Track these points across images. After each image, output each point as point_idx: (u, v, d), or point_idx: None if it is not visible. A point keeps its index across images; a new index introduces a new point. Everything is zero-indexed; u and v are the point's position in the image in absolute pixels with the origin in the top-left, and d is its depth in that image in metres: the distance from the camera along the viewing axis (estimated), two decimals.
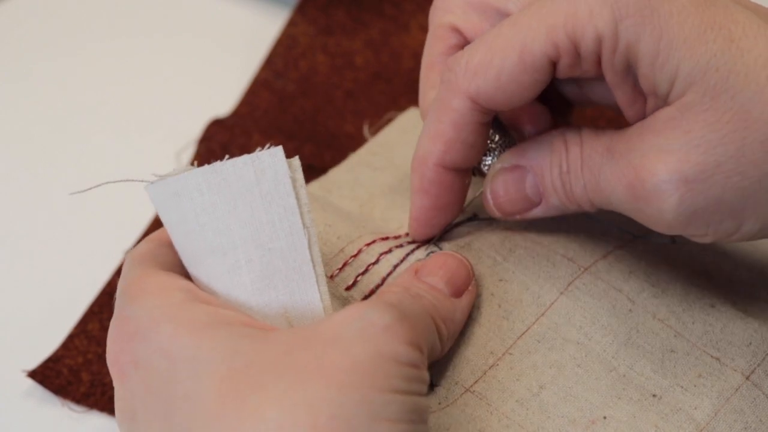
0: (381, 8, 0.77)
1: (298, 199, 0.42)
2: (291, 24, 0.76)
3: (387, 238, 0.50)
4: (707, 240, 0.43)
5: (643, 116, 0.44)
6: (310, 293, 0.43)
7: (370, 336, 0.40)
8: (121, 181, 0.45)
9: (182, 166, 0.45)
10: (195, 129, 0.69)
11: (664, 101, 0.42)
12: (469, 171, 0.49)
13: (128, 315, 0.42)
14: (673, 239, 0.51)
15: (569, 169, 0.45)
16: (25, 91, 0.74)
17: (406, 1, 0.78)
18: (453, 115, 0.46)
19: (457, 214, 0.50)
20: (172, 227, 0.43)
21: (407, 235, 0.51)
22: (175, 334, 0.40)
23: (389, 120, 0.67)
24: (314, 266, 0.43)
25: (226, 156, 0.43)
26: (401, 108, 0.70)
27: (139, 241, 0.52)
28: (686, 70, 0.41)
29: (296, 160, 0.42)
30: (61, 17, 0.80)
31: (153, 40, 0.78)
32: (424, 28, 0.76)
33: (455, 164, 0.47)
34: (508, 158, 0.48)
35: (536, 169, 0.46)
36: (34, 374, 0.55)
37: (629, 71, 0.43)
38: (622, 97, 0.44)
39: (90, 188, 0.45)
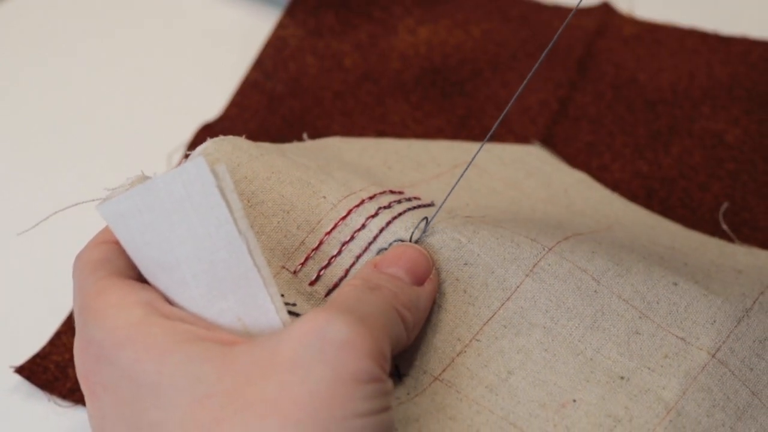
0: (369, 11, 0.78)
1: (229, 206, 0.41)
2: (280, 26, 0.76)
3: (348, 214, 0.49)
4: None
5: None
6: (260, 298, 0.42)
7: (328, 356, 0.39)
8: (70, 206, 0.46)
9: (138, 177, 0.46)
10: (186, 129, 0.69)
11: None
12: None
13: (89, 338, 0.42)
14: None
15: None
16: (19, 92, 0.75)
17: (394, 4, 0.78)
18: None
19: None
20: (126, 244, 0.43)
21: (371, 198, 0.50)
22: (137, 358, 0.40)
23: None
24: (259, 270, 0.42)
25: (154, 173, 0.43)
26: (388, 108, 0.71)
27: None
28: None
29: (221, 166, 0.41)
30: (55, 19, 0.80)
31: (144, 42, 0.79)
32: (411, 31, 0.77)
33: None
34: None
35: None
36: (21, 370, 0.56)
37: None
38: None
39: (38, 223, 0.48)
